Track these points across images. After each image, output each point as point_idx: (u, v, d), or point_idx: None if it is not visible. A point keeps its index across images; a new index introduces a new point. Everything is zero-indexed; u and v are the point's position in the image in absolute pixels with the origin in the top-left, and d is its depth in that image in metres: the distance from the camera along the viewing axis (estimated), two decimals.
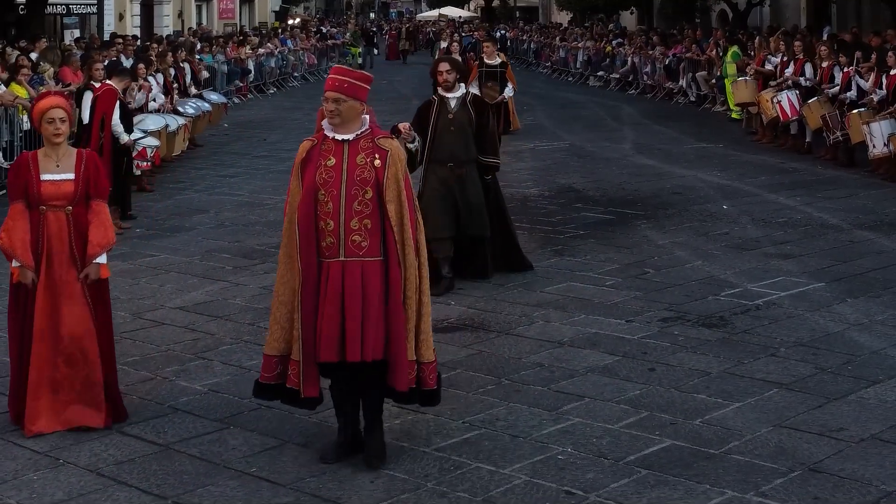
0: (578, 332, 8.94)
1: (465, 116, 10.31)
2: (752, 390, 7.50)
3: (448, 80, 10.32)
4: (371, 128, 6.46)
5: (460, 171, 10.28)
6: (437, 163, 10.25)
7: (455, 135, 10.25)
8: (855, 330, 8.91)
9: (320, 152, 6.36)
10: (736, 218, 13.60)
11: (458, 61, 10.82)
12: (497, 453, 6.52)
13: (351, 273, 6.22)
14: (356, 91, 6.37)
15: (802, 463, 6.32)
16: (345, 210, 6.24)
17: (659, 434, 6.76)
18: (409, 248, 6.29)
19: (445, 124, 10.26)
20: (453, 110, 10.30)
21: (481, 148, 10.41)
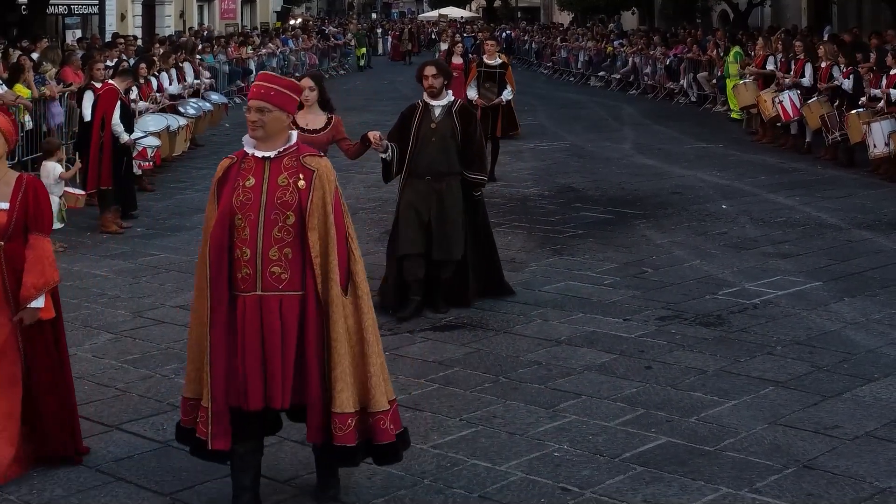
0: (576, 330, 8.99)
1: (449, 127, 9.46)
2: (748, 388, 7.55)
3: (434, 85, 9.50)
4: (298, 144, 5.74)
5: (439, 185, 9.42)
6: (416, 176, 9.46)
7: (436, 146, 9.41)
8: (851, 328, 8.96)
9: (239, 171, 5.64)
10: (735, 217, 13.64)
11: (445, 66, 9.99)
12: (494, 450, 6.56)
13: (269, 309, 5.52)
14: (283, 101, 5.64)
15: (797, 460, 6.36)
16: (263, 237, 5.52)
17: (655, 431, 6.80)
18: (334, 282, 5.54)
19: (427, 134, 9.44)
20: (437, 119, 9.46)
21: (467, 162, 9.53)
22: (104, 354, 8.51)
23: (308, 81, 9.13)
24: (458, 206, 9.47)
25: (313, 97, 9.10)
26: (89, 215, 13.39)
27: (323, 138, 8.99)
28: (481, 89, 16.36)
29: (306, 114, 9.04)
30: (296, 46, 39.57)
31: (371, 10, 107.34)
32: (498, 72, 16.45)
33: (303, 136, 8.41)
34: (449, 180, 9.46)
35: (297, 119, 8.69)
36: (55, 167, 12.39)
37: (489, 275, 9.92)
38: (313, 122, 9.09)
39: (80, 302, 10.04)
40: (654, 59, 31.69)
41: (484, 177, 9.73)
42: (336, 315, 5.55)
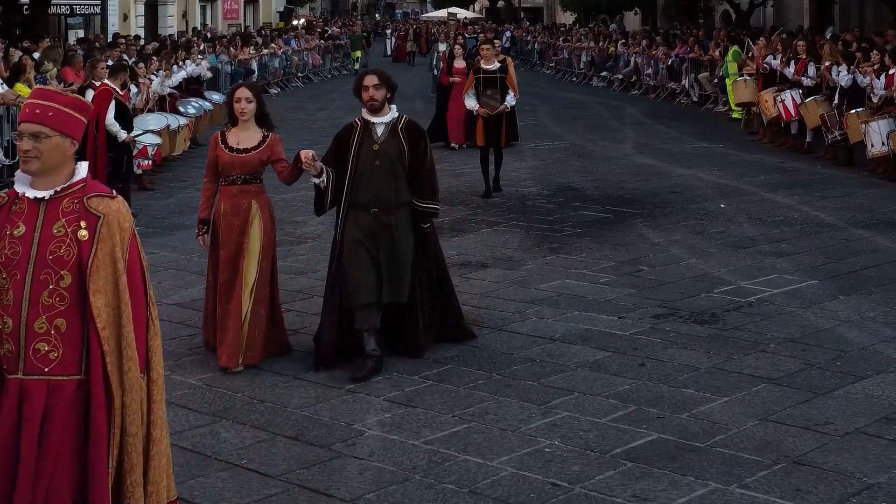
0: (570, 328, 9.01)
1: (394, 147, 8.03)
2: (741, 385, 7.57)
3: (375, 98, 8.00)
4: (86, 180, 4.41)
5: (387, 218, 8.04)
6: (358, 207, 8.01)
7: (381, 171, 7.99)
8: (845, 326, 8.98)
9: (8, 216, 4.37)
10: (733, 216, 13.66)
11: (388, 75, 8.28)
12: (485, 446, 6.59)
13: (31, 398, 4.27)
14: (66, 123, 4.35)
15: (786, 456, 6.38)
16: (28, 303, 4.26)
17: (646, 428, 6.83)
18: (131, 361, 4.30)
19: (369, 157, 7.99)
20: (380, 139, 8.03)
21: (416, 189, 8.12)
22: None
23: (244, 92, 8.22)
24: (409, 241, 8.14)
25: (250, 110, 8.12)
26: None
27: (253, 158, 8.10)
28: (482, 97, 15.14)
29: (240, 130, 8.17)
30: (298, 47, 39.63)
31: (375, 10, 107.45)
32: (498, 76, 15.22)
33: (231, 157, 8.07)
34: (398, 213, 8.07)
35: (228, 137, 8.16)
36: None
37: (445, 318, 8.56)
38: (245, 140, 8.14)
39: None
40: (656, 59, 31.71)
41: (437, 205, 8.31)
42: (134, 405, 4.36)
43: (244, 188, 8.16)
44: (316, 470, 6.29)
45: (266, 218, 8.18)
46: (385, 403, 7.32)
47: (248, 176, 8.15)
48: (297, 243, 12.49)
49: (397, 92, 8.27)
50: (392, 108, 8.14)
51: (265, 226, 8.16)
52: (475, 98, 15.21)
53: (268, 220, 8.20)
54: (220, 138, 8.24)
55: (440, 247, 8.78)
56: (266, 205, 8.24)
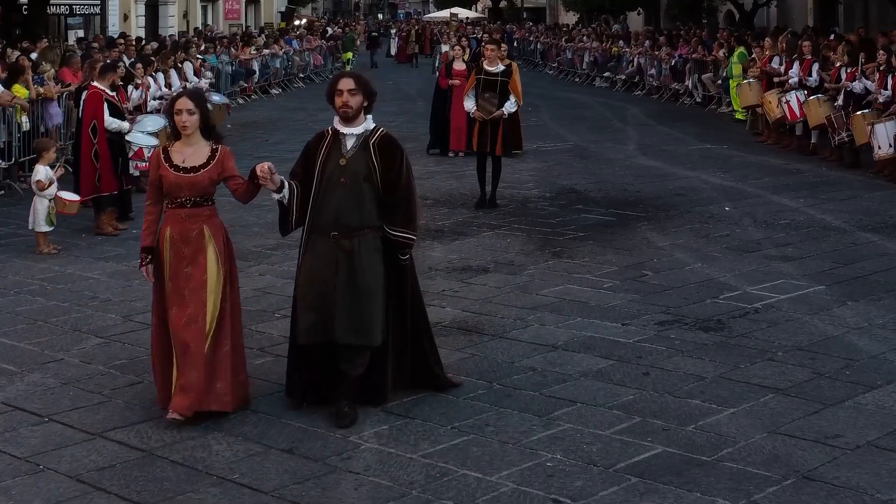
0: (573, 335, 8.81)
1: (363, 164, 6.98)
2: (748, 395, 7.37)
3: (350, 105, 6.98)
4: None
5: (348, 244, 6.95)
6: (318, 231, 7.02)
7: (346, 190, 6.95)
8: (854, 334, 8.77)
9: None
10: (738, 220, 13.46)
11: (365, 80, 7.22)
12: (485, 460, 6.39)
13: None
14: None
15: (796, 471, 6.18)
16: None
17: (651, 440, 6.63)
18: None
19: (334, 173, 6.97)
20: (348, 153, 7.01)
21: (388, 214, 7.03)
22: (92, 359, 8.35)
23: (185, 102, 7.14)
24: (374, 272, 6.98)
25: (192, 123, 7.10)
26: (85, 216, 13.23)
27: (203, 178, 7.08)
28: (479, 100, 14.27)
29: (184, 146, 7.14)
30: (300, 47, 39.43)
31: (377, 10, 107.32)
32: (500, 80, 14.30)
33: (177, 177, 7.01)
34: (362, 237, 6.98)
35: (172, 154, 7.12)
36: (46, 171, 12.24)
37: (419, 365, 7.46)
38: (192, 157, 7.11)
39: (71, 305, 9.89)
40: (659, 59, 31.52)
41: (412, 234, 7.12)
42: None
43: (194, 212, 7.08)
44: (310, 485, 6.09)
45: (220, 244, 7.13)
46: (382, 415, 7.11)
47: (198, 198, 7.08)
48: (294, 247, 12.19)
49: (376, 98, 7.19)
50: (368, 118, 7.10)
51: (220, 254, 7.10)
52: (474, 99, 14.45)
53: (223, 247, 7.14)
54: (164, 156, 7.16)
55: (417, 283, 7.52)
56: (220, 230, 7.18)
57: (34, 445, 6.67)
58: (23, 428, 6.98)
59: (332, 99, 7.06)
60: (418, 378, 7.46)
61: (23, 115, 16.26)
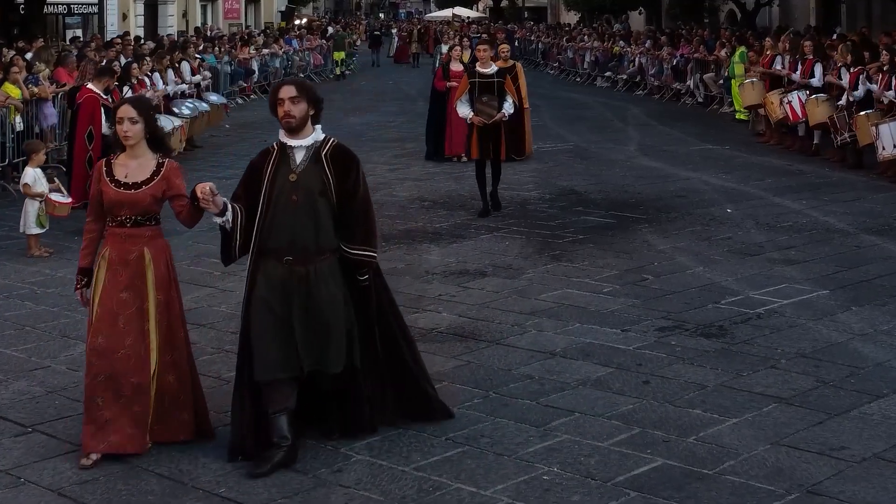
0: (572, 341, 8.62)
1: (316, 179, 6.35)
2: (750, 405, 7.18)
3: (291, 114, 6.33)
4: None
5: (303, 268, 6.34)
6: (270, 255, 6.37)
7: (300, 208, 6.32)
8: (859, 340, 8.58)
9: None
10: (740, 222, 13.27)
11: (309, 86, 6.59)
12: (480, 473, 6.21)
13: None
14: None
15: (800, 485, 5.99)
16: None
17: (650, 452, 6.44)
18: None
19: (284, 190, 6.34)
20: (298, 168, 6.38)
21: (346, 231, 6.44)
22: (79, 366, 8.10)
23: (127, 110, 6.51)
24: (334, 297, 6.42)
25: (135, 133, 6.48)
26: (77, 218, 12.98)
27: (145, 196, 6.45)
28: (477, 104, 13.41)
29: (128, 158, 6.54)
30: (300, 47, 39.24)
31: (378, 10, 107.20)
32: (496, 81, 13.53)
33: (117, 194, 6.44)
34: (319, 261, 6.38)
35: (115, 167, 6.52)
36: (36, 173, 12.07)
37: (405, 391, 6.89)
38: (136, 172, 6.50)
39: (60, 311, 9.71)
40: (661, 59, 31.34)
41: (372, 251, 6.53)
42: None
43: (134, 232, 6.47)
44: (299, 499, 5.91)
45: (161, 270, 6.50)
46: None
47: (140, 217, 6.46)
48: None
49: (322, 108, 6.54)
50: (317, 128, 6.46)
51: (160, 280, 6.47)
52: (469, 105, 13.57)
53: (163, 273, 6.50)
54: (106, 169, 6.55)
55: (394, 302, 6.95)
56: (162, 253, 6.55)
57: (16, 457, 6.49)
58: (5, 439, 6.80)
59: (275, 109, 6.42)
60: (408, 405, 6.87)
61: (16, 115, 16.08)
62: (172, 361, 6.57)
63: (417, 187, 16.21)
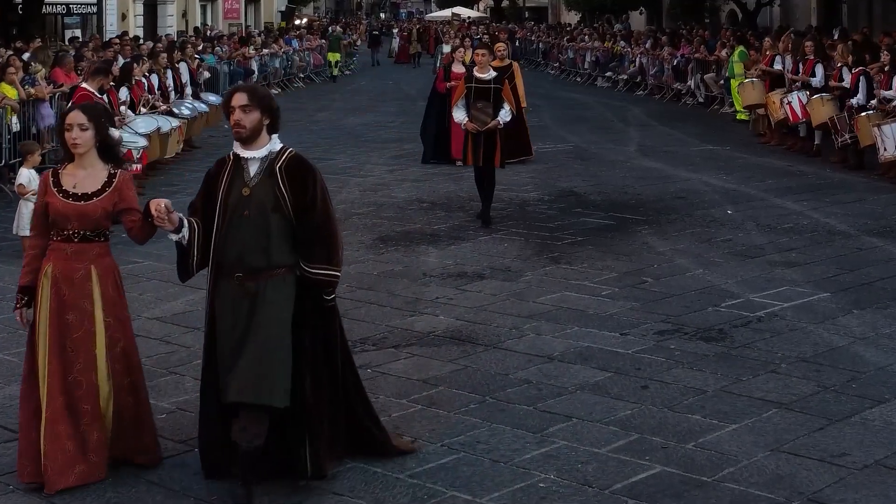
0: (570, 345, 8.53)
1: (269, 193, 5.90)
2: (750, 410, 7.09)
3: (242, 124, 5.89)
4: None
5: (253, 285, 5.87)
6: (223, 273, 5.96)
7: (251, 224, 5.88)
8: (860, 344, 8.49)
9: None
10: (740, 224, 13.17)
11: (262, 93, 6.10)
12: (475, 480, 6.11)
13: None
14: None
15: (801, 492, 5.90)
16: None
17: (649, 459, 6.35)
18: None
19: (237, 204, 5.92)
20: (252, 181, 5.94)
21: (304, 249, 5.95)
22: None
23: (77, 116, 6.14)
24: (280, 321, 5.87)
25: (85, 140, 6.10)
26: None
27: (94, 208, 6.03)
28: (472, 110, 13.00)
29: (77, 168, 6.15)
30: (300, 46, 39.15)
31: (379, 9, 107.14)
32: (493, 87, 13.01)
33: (64, 205, 6.03)
34: (270, 279, 5.89)
35: (63, 177, 6.12)
36: (31, 174, 11.98)
37: (354, 428, 6.29)
38: (85, 182, 6.10)
39: None
40: (661, 59, 31.24)
41: (335, 271, 6.02)
42: None
43: (81, 248, 6.04)
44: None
45: (109, 290, 6.11)
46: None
47: (88, 232, 6.04)
48: None
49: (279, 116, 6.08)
50: (273, 139, 5.98)
51: (108, 302, 6.09)
52: (465, 110, 13.11)
53: (111, 294, 6.11)
54: (53, 179, 6.14)
55: (343, 332, 6.33)
56: (110, 272, 6.14)
57: (5, 464, 6.39)
58: None
59: (228, 118, 6.00)
60: (356, 444, 6.29)
61: (13, 115, 15.98)
62: (132, 383, 6.23)
63: (416, 188, 16.11)
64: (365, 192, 15.83)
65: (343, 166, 18.60)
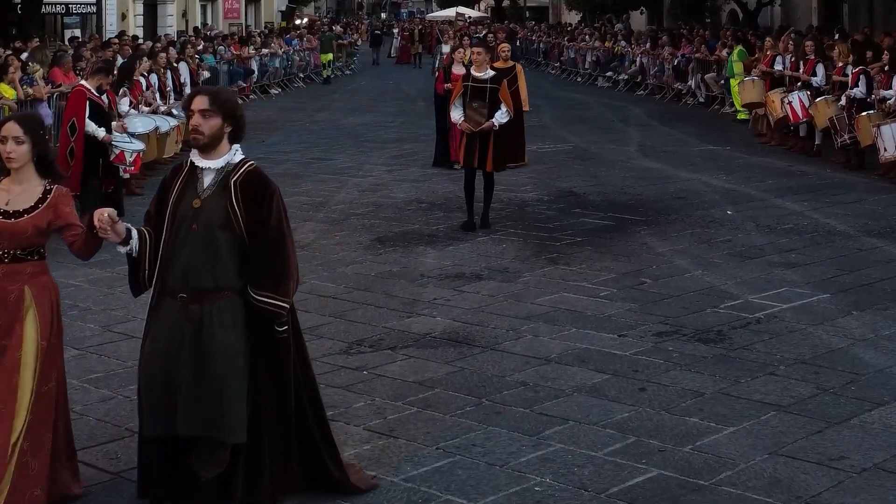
0: (567, 347, 8.48)
1: (219, 208, 5.41)
2: (748, 413, 7.04)
3: (200, 129, 5.42)
4: None
5: (197, 308, 5.38)
6: (167, 291, 5.49)
7: (198, 239, 5.40)
8: (860, 346, 8.44)
9: None
10: (740, 224, 13.12)
11: (225, 98, 5.59)
12: (470, 484, 6.06)
13: None
14: None
15: (798, 496, 5.85)
16: None
17: (645, 462, 6.29)
18: None
19: (186, 217, 5.44)
20: (204, 193, 5.45)
21: (254, 273, 5.44)
22: (66, 373, 8.00)
23: (12, 128, 5.68)
24: (228, 350, 5.38)
25: (20, 155, 5.65)
26: None
27: (26, 226, 5.59)
28: (468, 110, 12.71)
29: (12, 183, 5.72)
30: (300, 46, 39.08)
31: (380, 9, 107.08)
32: (489, 87, 12.66)
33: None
34: (216, 302, 5.40)
35: None
36: None
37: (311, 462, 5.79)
38: (18, 199, 5.66)
39: None
40: (662, 59, 31.18)
41: (283, 301, 5.45)
42: None
43: (13, 268, 5.61)
44: None
45: (45, 311, 5.65)
46: (365, 434, 6.79)
47: (20, 251, 5.61)
48: None
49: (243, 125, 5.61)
50: (234, 149, 5.50)
51: (44, 323, 5.63)
52: (461, 109, 12.83)
53: (48, 315, 5.66)
54: None
55: (307, 359, 5.82)
56: (46, 292, 5.70)
57: None
58: None
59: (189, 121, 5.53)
60: (311, 477, 5.80)
61: None
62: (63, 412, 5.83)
63: (415, 189, 16.07)
64: (363, 193, 15.78)
65: (342, 166, 18.55)
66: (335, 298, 10.00)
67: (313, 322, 9.25)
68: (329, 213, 14.19)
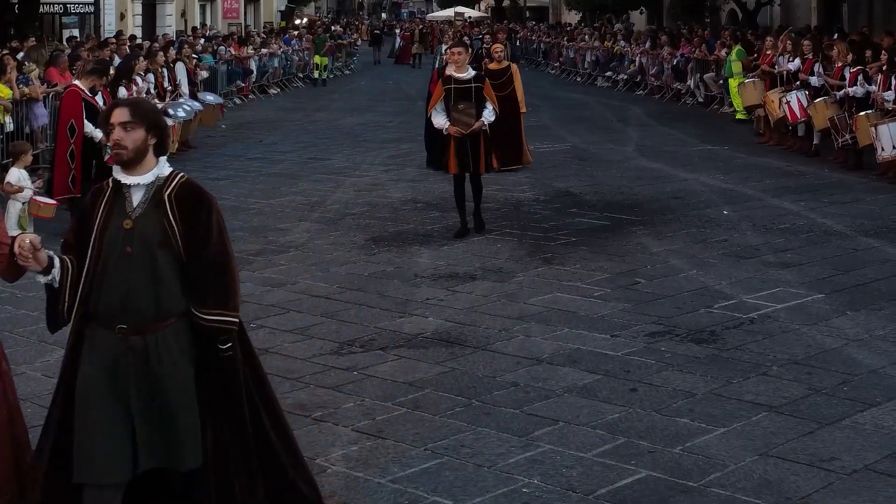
0: (559, 347, 8.43)
1: (156, 226, 4.93)
2: (739, 414, 6.99)
3: (123, 144, 4.92)
4: None
5: (140, 340, 4.88)
6: (99, 321, 4.94)
7: (134, 263, 4.88)
8: (853, 346, 8.39)
9: None
10: (736, 224, 13.07)
11: (147, 108, 5.10)
12: (458, 485, 6.02)
13: None
14: None
15: (788, 497, 5.81)
16: None
17: (634, 464, 6.25)
18: None
19: (116, 240, 4.92)
20: (135, 212, 4.94)
21: (197, 290, 4.97)
22: (55, 373, 7.90)
23: None
24: (182, 374, 4.95)
25: None
26: (63, 220, 12.85)
27: None
28: (454, 113, 12.19)
29: None
30: (299, 46, 39.04)
31: (381, 9, 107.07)
32: (473, 87, 12.25)
33: None
34: (161, 329, 4.92)
35: None
36: (21, 174, 11.90)
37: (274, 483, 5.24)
38: None
39: (39, 314, 9.41)
40: (661, 59, 31.13)
41: (231, 316, 5.00)
42: None
43: None
44: None
45: None
46: (353, 434, 6.75)
47: None
48: (278, 252, 11.92)
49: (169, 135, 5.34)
50: (160, 161, 5.00)
51: None
52: (444, 115, 12.33)
53: None
54: None
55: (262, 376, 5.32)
56: None
57: None
58: None
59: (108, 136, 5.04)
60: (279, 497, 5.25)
61: (6, 115, 15.91)
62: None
63: (411, 188, 16.03)
64: (360, 192, 15.75)
65: (339, 166, 18.52)
66: (328, 298, 9.96)
67: (305, 322, 9.22)
68: (324, 213, 14.15)
